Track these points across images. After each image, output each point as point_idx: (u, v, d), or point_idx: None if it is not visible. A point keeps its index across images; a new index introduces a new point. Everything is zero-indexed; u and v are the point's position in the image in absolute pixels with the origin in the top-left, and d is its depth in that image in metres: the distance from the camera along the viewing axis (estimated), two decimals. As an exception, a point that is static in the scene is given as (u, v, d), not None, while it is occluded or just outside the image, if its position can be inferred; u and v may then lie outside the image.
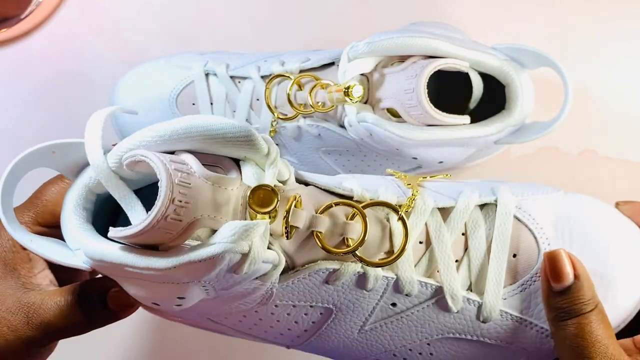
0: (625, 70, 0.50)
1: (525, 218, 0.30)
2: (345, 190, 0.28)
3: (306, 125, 0.40)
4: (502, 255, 0.29)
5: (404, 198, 0.29)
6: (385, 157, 0.41)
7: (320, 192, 0.28)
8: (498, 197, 0.30)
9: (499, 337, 0.30)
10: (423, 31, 0.37)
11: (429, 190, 0.30)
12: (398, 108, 0.36)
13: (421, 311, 0.29)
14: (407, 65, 0.36)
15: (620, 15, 0.50)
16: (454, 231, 0.29)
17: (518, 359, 0.30)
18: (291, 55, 0.42)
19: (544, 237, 0.29)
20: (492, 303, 0.29)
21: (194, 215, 0.23)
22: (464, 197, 0.30)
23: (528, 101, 0.38)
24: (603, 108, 0.50)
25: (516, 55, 0.38)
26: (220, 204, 0.24)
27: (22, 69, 0.50)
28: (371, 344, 0.31)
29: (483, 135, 0.37)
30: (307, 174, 0.29)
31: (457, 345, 0.30)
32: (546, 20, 0.50)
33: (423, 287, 0.29)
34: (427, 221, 0.29)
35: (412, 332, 0.30)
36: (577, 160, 0.50)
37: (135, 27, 0.50)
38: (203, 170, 0.24)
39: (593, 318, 0.27)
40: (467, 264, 0.29)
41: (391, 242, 0.28)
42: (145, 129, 0.25)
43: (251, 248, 0.24)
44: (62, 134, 0.50)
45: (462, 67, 0.36)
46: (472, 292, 0.29)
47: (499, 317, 0.29)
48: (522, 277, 0.29)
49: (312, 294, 0.29)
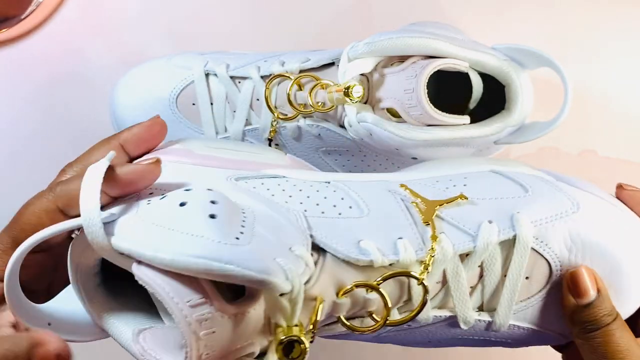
0: (625, 70, 0.50)
1: (542, 248, 0.30)
2: (364, 261, 0.28)
3: (306, 125, 0.40)
4: (516, 282, 0.30)
5: (423, 249, 0.29)
6: (385, 157, 0.41)
7: (339, 263, 0.28)
8: (517, 233, 0.30)
9: (504, 338, 0.32)
10: (423, 31, 0.37)
11: (446, 225, 0.30)
12: (398, 108, 0.36)
13: (434, 328, 0.31)
14: (407, 66, 0.36)
15: (620, 15, 0.50)
16: (471, 268, 0.30)
17: (514, 347, 0.33)
18: (291, 55, 0.42)
19: (557, 261, 0.31)
20: (502, 321, 0.30)
21: (222, 354, 0.24)
22: (482, 235, 0.30)
23: (528, 101, 0.38)
24: (603, 108, 0.50)
25: (516, 56, 0.38)
26: (244, 331, 0.24)
27: (22, 69, 0.50)
28: (384, 341, 0.32)
29: (483, 135, 0.37)
30: (323, 237, 0.28)
31: (464, 341, 0.32)
32: (546, 21, 0.50)
33: (437, 317, 0.30)
34: (446, 267, 0.29)
35: (424, 336, 0.32)
36: (577, 160, 0.50)
37: (135, 27, 0.50)
38: (223, 306, 0.24)
39: (616, 327, 0.29)
40: (481, 290, 0.30)
41: (409, 293, 0.29)
42: (155, 244, 0.23)
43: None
44: (62, 134, 0.51)
45: (461, 67, 0.36)
46: (484, 312, 0.31)
47: (508, 328, 0.31)
48: (532, 295, 0.31)
49: (328, 334, 0.30)
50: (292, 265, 0.25)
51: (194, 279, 0.23)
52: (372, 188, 0.32)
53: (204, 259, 0.23)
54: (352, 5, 0.50)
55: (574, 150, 0.50)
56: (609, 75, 0.50)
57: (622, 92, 0.50)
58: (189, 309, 0.23)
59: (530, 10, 0.50)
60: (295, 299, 0.25)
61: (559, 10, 0.51)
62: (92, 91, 0.50)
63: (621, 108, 0.50)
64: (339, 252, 0.28)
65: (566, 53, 0.48)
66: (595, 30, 0.50)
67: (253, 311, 0.25)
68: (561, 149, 0.50)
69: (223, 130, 0.42)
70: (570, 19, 0.50)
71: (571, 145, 0.50)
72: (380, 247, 0.28)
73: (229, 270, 0.23)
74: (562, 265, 0.31)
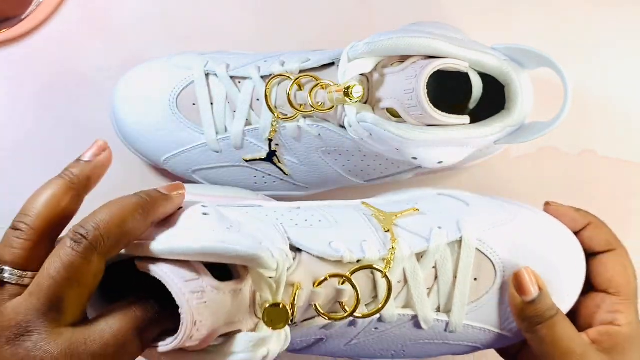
0: (625, 70, 0.50)
1: (485, 249, 0.36)
2: (335, 257, 0.33)
3: (306, 125, 0.40)
4: (466, 282, 0.35)
5: (384, 248, 0.34)
6: (385, 157, 0.41)
7: (314, 260, 0.32)
8: (463, 235, 0.35)
9: (460, 339, 0.36)
10: (423, 31, 0.37)
11: (403, 232, 0.35)
12: (398, 108, 0.36)
13: (399, 330, 0.35)
14: (407, 66, 0.36)
15: (620, 15, 0.50)
16: (427, 268, 0.35)
17: (473, 351, 0.38)
18: (291, 55, 0.42)
19: (500, 263, 0.35)
20: (457, 321, 0.35)
21: (213, 326, 0.27)
22: (435, 238, 0.35)
23: (528, 101, 0.38)
24: (603, 108, 0.50)
25: (516, 56, 0.38)
26: (232, 307, 0.28)
27: (23, 69, 0.50)
28: (355, 351, 0.37)
29: (483, 136, 0.37)
30: (299, 238, 0.33)
31: (426, 346, 0.37)
32: (546, 21, 0.50)
33: (401, 316, 0.35)
34: (405, 266, 0.34)
35: (390, 343, 0.36)
36: (577, 160, 0.50)
37: (135, 27, 0.50)
38: (214, 283, 0.27)
39: (558, 320, 0.33)
40: (437, 291, 0.35)
41: (375, 288, 0.34)
42: (162, 243, 0.27)
43: (269, 351, 0.29)
44: (62, 134, 0.51)
45: (461, 67, 0.36)
46: (441, 313, 0.35)
47: (462, 329, 0.35)
48: (481, 296, 0.35)
49: (309, 335, 0.35)
50: (276, 250, 0.29)
51: (188, 263, 0.27)
52: (338, 208, 0.38)
53: (200, 243, 0.27)
54: (352, 5, 0.50)
55: (574, 150, 0.50)
56: (609, 75, 0.50)
57: (622, 92, 0.50)
58: (184, 284, 0.26)
59: (530, 11, 0.50)
60: (279, 279, 0.29)
61: (558, 11, 0.51)
62: (92, 91, 0.50)
63: (621, 108, 0.50)
64: (313, 250, 0.32)
65: (566, 53, 0.48)
66: (595, 30, 0.50)
67: (239, 291, 0.28)
68: (561, 149, 0.50)
69: (223, 131, 0.42)
70: (570, 19, 0.50)
71: (571, 145, 0.50)
72: (349, 247, 0.33)
73: (222, 248, 0.27)
74: (505, 267, 0.35)
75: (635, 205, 0.49)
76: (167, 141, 0.44)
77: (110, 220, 0.26)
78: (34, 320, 0.24)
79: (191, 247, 0.27)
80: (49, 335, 0.24)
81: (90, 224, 0.26)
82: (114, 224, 0.26)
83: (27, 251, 0.26)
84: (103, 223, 0.26)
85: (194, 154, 0.44)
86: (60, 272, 0.24)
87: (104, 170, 0.30)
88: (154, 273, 0.27)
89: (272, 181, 0.45)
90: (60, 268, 0.25)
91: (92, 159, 0.29)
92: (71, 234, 0.25)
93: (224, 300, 0.28)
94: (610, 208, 0.38)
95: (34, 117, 0.50)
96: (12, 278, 0.25)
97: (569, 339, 0.33)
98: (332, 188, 0.46)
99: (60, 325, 0.25)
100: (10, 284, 0.25)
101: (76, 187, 0.28)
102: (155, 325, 0.27)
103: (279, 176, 0.44)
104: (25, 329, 0.24)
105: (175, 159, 0.44)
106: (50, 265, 0.25)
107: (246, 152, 0.43)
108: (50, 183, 0.27)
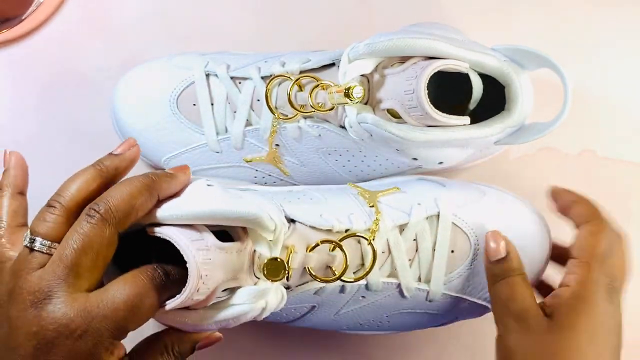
0: (624, 70, 0.50)
1: (461, 224, 0.39)
2: (326, 226, 0.36)
3: (307, 125, 0.40)
4: (443, 253, 0.38)
5: (369, 220, 0.37)
6: (385, 157, 0.41)
7: (307, 229, 0.36)
8: (440, 210, 0.38)
9: (440, 309, 0.40)
10: (423, 32, 0.37)
11: (386, 207, 0.39)
12: (398, 109, 0.36)
13: (384, 299, 0.39)
14: (407, 66, 0.36)
15: (620, 16, 0.50)
16: (408, 240, 0.38)
17: (452, 321, 0.41)
18: (291, 56, 0.42)
19: (474, 235, 0.39)
20: (436, 289, 0.38)
21: (217, 282, 0.30)
22: (415, 213, 0.38)
23: (528, 102, 0.38)
24: (603, 108, 0.50)
25: (516, 56, 0.38)
26: (235, 265, 0.31)
27: (23, 69, 0.50)
28: (343, 320, 0.40)
29: (483, 136, 0.37)
30: (293, 211, 0.36)
31: (409, 315, 0.40)
32: (546, 21, 0.50)
33: (386, 284, 0.38)
34: (388, 237, 0.37)
35: (376, 312, 0.40)
36: (577, 160, 0.50)
37: (135, 27, 0.50)
38: (217, 243, 0.30)
39: (518, 280, 0.35)
40: (418, 262, 0.38)
41: (362, 257, 0.37)
42: (171, 209, 0.30)
43: (267, 303, 0.32)
44: (63, 134, 0.51)
45: (462, 68, 0.36)
46: (422, 282, 0.39)
47: (441, 297, 0.39)
48: (458, 267, 0.39)
49: (302, 301, 0.38)
50: (274, 213, 0.33)
51: (193, 226, 0.30)
52: (327, 189, 0.41)
53: (207, 206, 0.30)
54: (352, 5, 0.50)
55: (574, 151, 0.50)
56: (609, 75, 0.50)
57: (622, 92, 0.50)
58: (190, 242, 0.29)
59: (530, 11, 0.51)
60: (277, 239, 0.33)
61: (558, 11, 0.51)
62: (92, 91, 0.50)
63: (621, 108, 0.50)
64: (306, 221, 0.36)
65: (566, 54, 0.48)
66: (595, 30, 0.50)
67: (240, 252, 0.31)
68: (561, 149, 0.50)
69: (224, 131, 0.42)
70: (570, 19, 0.50)
71: (571, 146, 0.50)
72: (337, 218, 0.37)
73: (226, 209, 0.30)
74: (478, 240, 0.39)
75: (635, 205, 0.49)
76: (167, 141, 0.44)
77: (120, 197, 0.29)
78: (54, 285, 0.27)
79: (198, 210, 0.30)
80: (67, 298, 0.27)
81: (102, 201, 0.29)
82: (123, 200, 0.29)
83: (58, 225, 0.29)
84: (114, 199, 0.29)
85: (194, 154, 0.44)
86: (77, 242, 0.28)
87: (132, 164, 0.33)
88: (164, 235, 0.29)
89: (272, 181, 0.45)
90: (78, 238, 0.28)
91: (121, 153, 0.33)
92: (87, 210, 0.29)
93: (227, 258, 0.30)
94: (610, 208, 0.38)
95: (34, 117, 0.50)
96: (42, 248, 0.28)
97: (521, 300, 0.35)
98: (332, 188, 0.46)
99: (77, 290, 0.28)
100: (40, 252, 0.28)
101: (105, 175, 0.31)
102: (163, 291, 0.30)
103: (279, 176, 0.44)
104: (47, 293, 0.27)
105: (175, 159, 0.44)
106: (69, 236, 0.28)
107: (246, 153, 0.43)
108: (84, 170, 0.31)
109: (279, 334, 0.49)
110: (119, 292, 0.28)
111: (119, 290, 0.28)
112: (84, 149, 0.49)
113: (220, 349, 0.38)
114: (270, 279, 0.32)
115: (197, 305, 0.31)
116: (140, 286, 0.28)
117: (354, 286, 0.37)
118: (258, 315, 0.33)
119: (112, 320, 0.27)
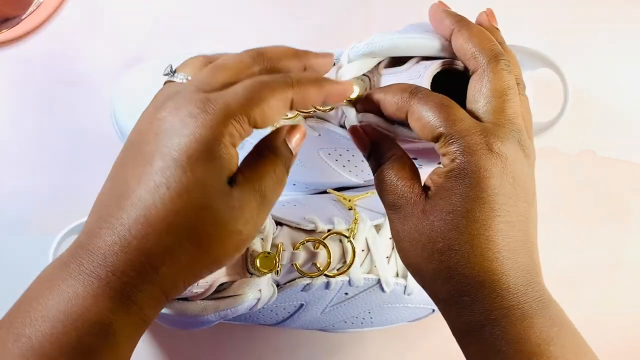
0: (624, 70, 0.50)
1: None
2: (310, 226, 0.40)
3: (307, 125, 0.40)
4: None
5: (349, 221, 0.41)
6: (385, 157, 0.41)
7: (292, 230, 0.40)
8: None
9: (417, 302, 0.43)
10: (423, 32, 0.37)
11: (363, 209, 0.43)
12: (398, 109, 0.36)
13: (365, 294, 0.42)
14: (409, 66, 0.36)
15: (619, 16, 0.50)
16: (384, 237, 0.42)
17: (431, 314, 0.45)
18: (291, 55, 0.42)
19: None
20: (412, 283, 0.42)
21: (215, 277, 0.34)
22: None
23: (528, 102, 0.38)
24: (602, 108, 0.50)
25: (516, 56, 0.38)
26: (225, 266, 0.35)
27: (23, 69, 0.50)
28: (329, 318, 0.43)
29: (483, 136, 0.37)
30: (280, 214, 0.40)
31: (390, 310, 0.43)
32: (546, 22, 0.50)
33: (367, 280, 0.41)
34: (367, 236, 0.41)
35: (359, 308, 0.43)
36: (577, 160, 0.50)
37: (135, 27, 0.51)
38: None
39: (385, 169, 0.32)
40: (395, 258, 0.42)
41: (344, 254, 0.40)
42: None
43: (261, 294, 0.36)
44: (62, 134, 0.51)
45: (462, 67, 0.36)
46: (399, 277, 0.42)
47: (418, 291, 0.42)
48: None
49: (291, 298, 0.41)
50: None
51: None
52: (309, 197, 0.45)
53: None
54: (352, 5, 0.51)
55: (573, 150, 0.50)
56: (608, 76, 0.50)
57: (622, 92, 0.50)
58: None
59: (530, 12, 0.51)
60: (267, 237, 0.37)
61: (558, 12, 0.51)
62: (92, 91, 0.50)
63: (621, 108, 0.50)
64: (291, 222, 0.40)
65: (565, 54, 0.48)
66: (594, 30, 0.50)
67: None
68: (561, 149, 0.50)
69: (223, 131, 0.42)
70: (569, 20, 0.51)
71: (571, 145, 0.50)
72: (320, 219, 0.40)
73: None
74: None
75: (635, 205, 0.49)
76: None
77: None
78: None
79: None
80: None
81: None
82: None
83: None
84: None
85: (194, 154, 0.44)
86: None
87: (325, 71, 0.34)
88: None
89: (272, 181, 0.45)
90: None
91: None
92: None
93: None
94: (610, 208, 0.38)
95: (34, 117, 0.50)
96: None
97: (392, 191, 0.31)
98: (332, 188, 0.46)
99: None
100: None
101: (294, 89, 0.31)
102: None
103: (279, 176, 0.44)
104: None
105: (175, 159, 0.44)
106: None
107: (247, 153, 0.43)
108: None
109: (272, 337, 0.49)
110: None
111: None
112: (84, 149, 0.49)
113: (220, 349, 0.38)
114: (263, 270, 0.36)
115: (195, 297, 0.34)
116: None
117: (337, 282, 0.40)
118: (254, 305, 0.36)
119: None
